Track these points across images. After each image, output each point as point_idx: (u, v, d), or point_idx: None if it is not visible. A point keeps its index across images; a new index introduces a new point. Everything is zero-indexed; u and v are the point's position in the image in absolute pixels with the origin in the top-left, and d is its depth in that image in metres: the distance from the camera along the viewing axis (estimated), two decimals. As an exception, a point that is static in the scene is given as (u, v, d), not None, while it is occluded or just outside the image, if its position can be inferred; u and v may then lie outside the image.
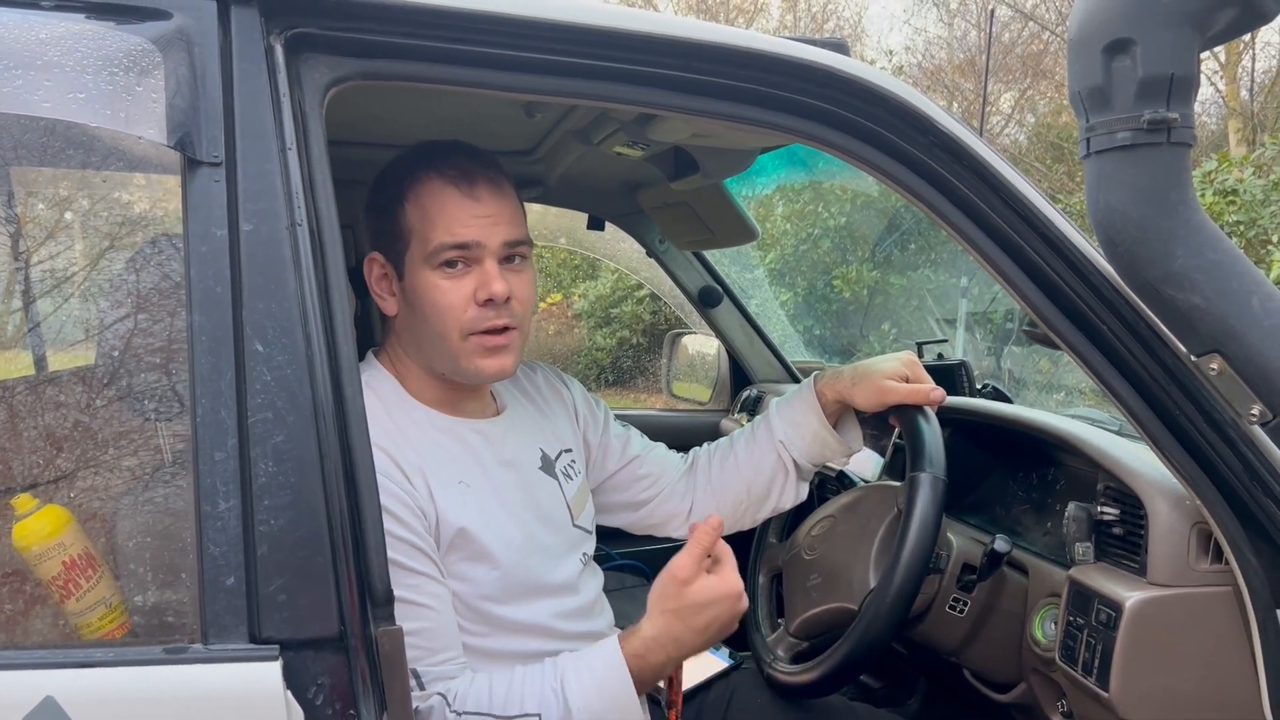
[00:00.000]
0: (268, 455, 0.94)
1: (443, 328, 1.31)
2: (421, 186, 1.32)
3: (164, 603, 1.00)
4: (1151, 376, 1.22)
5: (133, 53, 0.96)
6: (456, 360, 1.33)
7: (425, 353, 1.36)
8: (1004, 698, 1.68)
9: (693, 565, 1.18)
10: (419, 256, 1.31)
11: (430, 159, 1.33)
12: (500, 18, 1.08)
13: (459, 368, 1.34)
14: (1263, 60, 12.12)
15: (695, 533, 1.20)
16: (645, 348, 10.36)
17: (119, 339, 1.09)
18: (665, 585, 1.20)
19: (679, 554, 1.20)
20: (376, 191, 1.37)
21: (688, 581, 1.18)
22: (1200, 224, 1.11)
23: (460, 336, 1.31)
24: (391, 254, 1.34)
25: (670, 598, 1.19)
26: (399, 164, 1.36)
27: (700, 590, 1.18)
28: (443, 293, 1.30)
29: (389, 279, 1.36)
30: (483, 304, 1.30)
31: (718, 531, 1.21)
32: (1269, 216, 7.18)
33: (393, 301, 1.36)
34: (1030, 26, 13.72)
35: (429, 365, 1.37)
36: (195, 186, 0.97)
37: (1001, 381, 2.43)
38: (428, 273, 1.31)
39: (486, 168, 1.34)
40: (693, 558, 1.19)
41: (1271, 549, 1.22)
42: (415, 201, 1.32)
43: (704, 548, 1.19)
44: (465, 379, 1.37)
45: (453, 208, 1.30)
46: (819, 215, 9.05)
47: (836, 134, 1.23)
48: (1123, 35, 1.08)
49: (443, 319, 1.31)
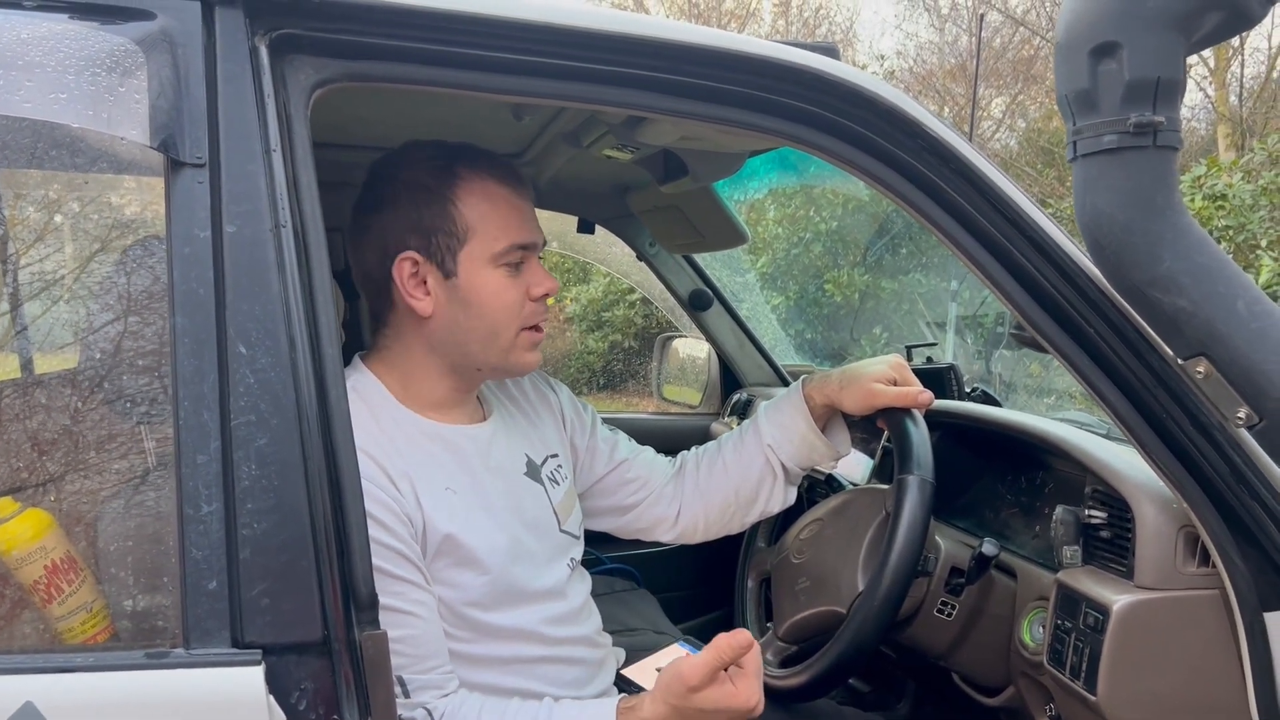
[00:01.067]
0: (251, 458, 0.93)
1: (500, 324, 1.35)
2: (473, 185, 1.32)
3: (146, 607, 0.99)
4: (1138, 380, 1.23)
5: (116, 53, 0.96)
6: (507, 355, 1.37)
7: (469, 350, 1.35)
8: (992, 701, 1.68)
9: (704, 675, 1.17)
10: (481, 255, 1.32)
11: (469, 158, 1.34)
12: (488, 19, 1.08)
13: (508, 362, 1.38)
14: (1252, 66, 12.20)
15: (718, 642, 1.18)
16: (637, 351, 10.36)
17: (101, 341, 1.08)
18: (672, 681, 1.19)
19: (696, 656, 1.19)
20: (406, 189, 1.33)
21: (696, 690, 1.17)
22: (1187, 227, 1.12)
23: (516, 332, 1.36)
24: (435, 252, 1.32)
25: (675, 694, 1.18)
26: (428, 160, 1.34)
27: (707, 699, 1.17)
28: (506, 290, 1.34)
29: (420, 278, 1.33)
30: (537, 300, 1.37)
31: (740, 651, 1.18)
32: (1258, 221, 7.22)
33: (428, 301, 1.33)
34: (1021, 32, 13.78)
35: (462, 362, 1.37)
36: (178, 188, 0.97)
37: (991, 385, 2.43)
38: (491, 270, 1.33)
39: (521, 173, 1.40)
40: (707, 668, 1.17)
41: (1258, 552, 1.22)
42: (469, 201, 1.32)
43: (721, 662, 1.17)
44: (510, 371, 1.42)
45: (510, 209, 1.35)
46: (810, 219, 9.06)
47: (825, 137, 1.23)
48: (1109, 39, 1.08)
49: (502, 315, 1.35)
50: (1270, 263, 6.52)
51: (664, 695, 1.19)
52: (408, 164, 1.35)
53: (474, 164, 1.34)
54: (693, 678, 1.16)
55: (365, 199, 1.37)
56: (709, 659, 1.17)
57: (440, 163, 1.34)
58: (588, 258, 5.07)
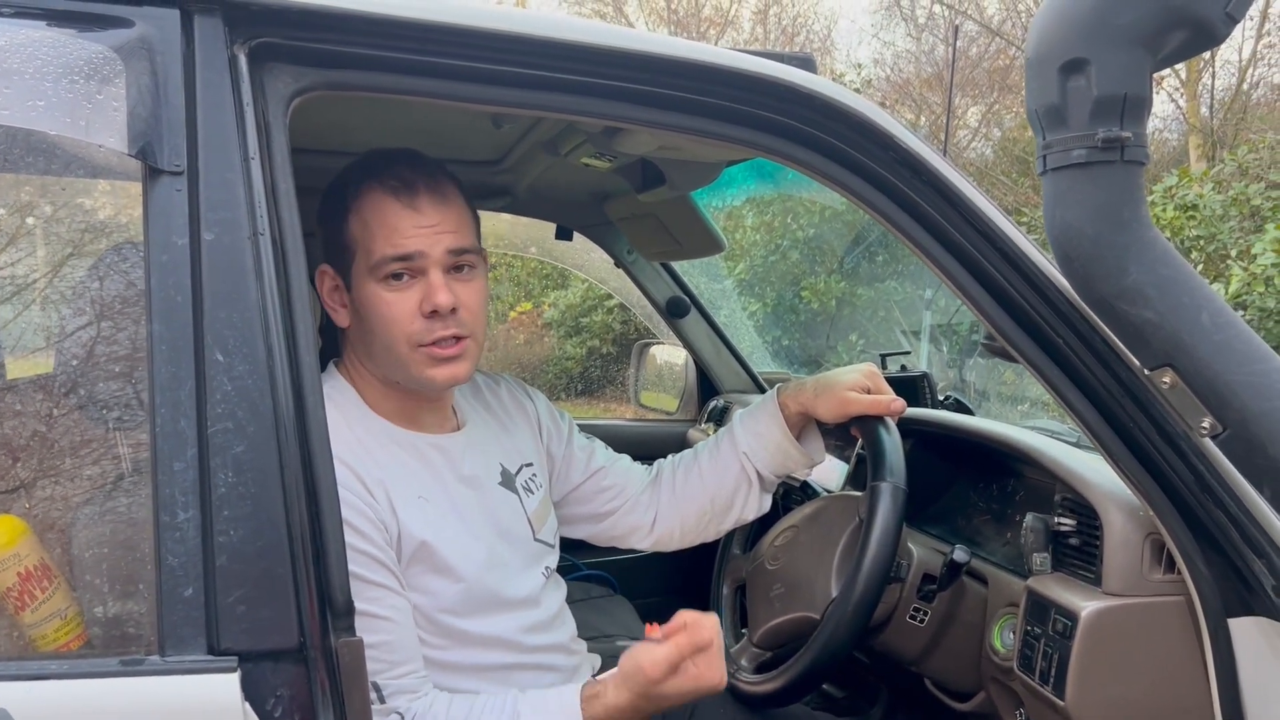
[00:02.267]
0: (228, 465, 0.94)
1: (390, 339, 1.30)
2: (364, 198, 1.31)
3: (121, 614, 0.99)
4: (1106, 389, 1.25)
5: (94, 61, 0.96)
6: (408, 370, 1.32)
7: (378, 363, 1.36)
8: (964, 706, 1.70)
9: (665, 668, 1.19)
10: (364, 269, 1.30)
11: (372, 170, 1.32)
12: (466, 30, 1.09)
13: (410, 377, 1.33)
14: (1222, 78, 12.35)
15: (678, 640, 1.20)
16: (615, 357, 10.37)
17: (78, 347, 1.08)
18: (634, 672, 1.20)
19: (656, 650, 1.20)
20: (324, 204, 1.36)
21: (658, 682, 1.19)
22: (1153, 240, 1.14)
23: (409, 348, 1.30)
24: (339, 266, 1.34)
25: (638, 684, 1.20)
26: (344, 176, 1.35)
27: (671, 688, 1.20)
28: (388, 305, 1.29)
29: (340, 291, 1.36)
30: (428, 315, 1.29)
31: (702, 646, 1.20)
32: (1228, 231, 7.32)
33: (344, 313, 1.36)
34: (997, 42, 13.90)
35: (384, 375, 1.37)
36: (156, 195, 0.97)
37: (964, 393, 2.46)
38: (373, 285, 1.30)
39: (429, 176, 1.32)
40: (668, 661, 1.19)
41: (1221, 559, 1.25)
42: (358, 214, 1.31)
43: (681, 657, 1.19)
44: (419, 388, 1.36)
45: (393, 218, 1.29)
46: (787, 227, 9.10)
47: (799, 149, 1.24)
48: (1078, 55, 1.10)
49: (389, 331, 1.30)
50: (1240, 272, 6.60)
51: (627, 682, 1.21)
52: (335, 179, 1.36)
53: (372, 175, 1.31)
54: (655, 672, 1.19)
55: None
56: (670, 655, 1.19)
57: (352, 175, 1.33)
58: (566, 264, 5.07)
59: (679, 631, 1.22)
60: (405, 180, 1.30)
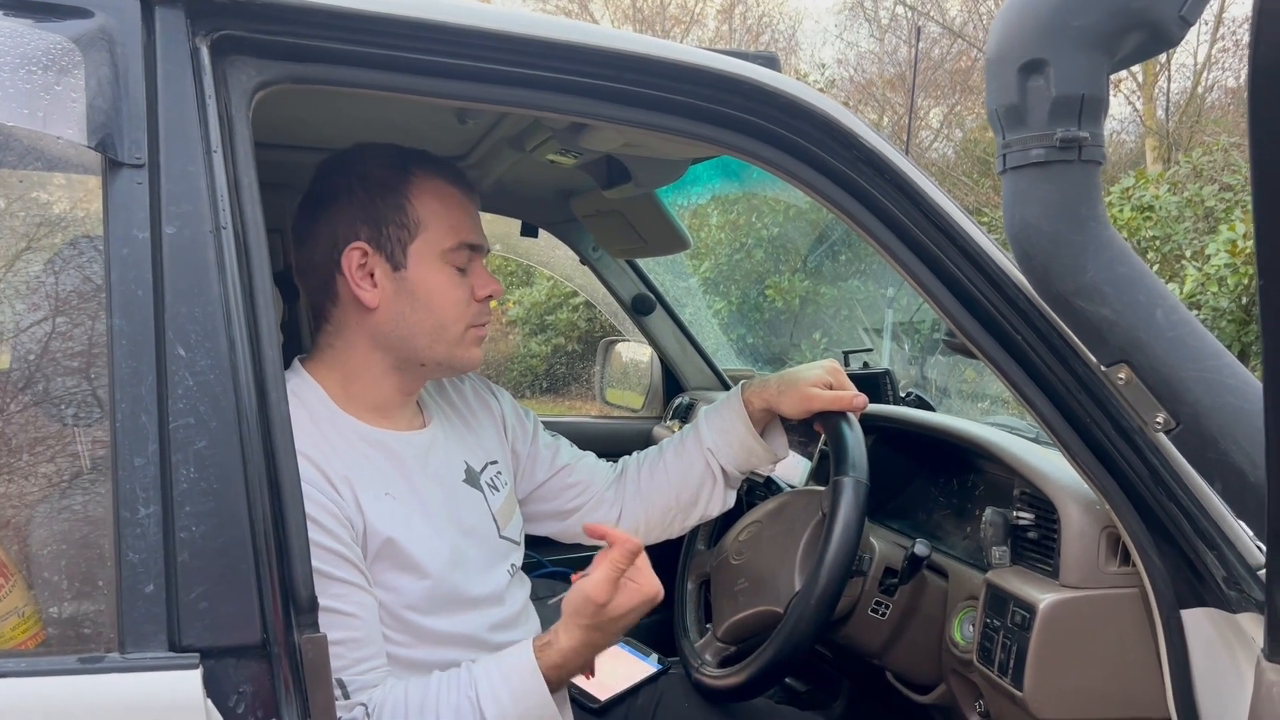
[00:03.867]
0: (189, 461, 0.93)
1: (449, 319, 1.37)
2: (427, 184, 1.36)
3: (80, 612, 0.98)
4: (1064, 385, 1.27)
5: (52, 51, 0.95)
6: (453, 349, 1.39)
7: (416, 344, 1.37)
8: (925, 699, 1.72)
9: (608, 587, 1.21)
10: (431, 251, 1.35)
11: (422, 160, 1.38)
12: (430, 24, 1.08)
13: (453, 357, 1.40)
14: (1178, 81, 12.57)
15: (610, 556, 1.22)
16: (580, 355, 10.36)
17: (35, 342, 1.06)
18: (581, 604, 1.22)
19: (593, 575, 1.22)
20: (360, 182, 1.34)
21: (604, 604, 1.21)
22: (1110, 239, 1.16)
23: (464, 328, 1.39)
24: (385, 243, 1.33)
25: (587, 615, 1.21)
26: (384, 157, 1.37)
27: (617, 606, 1.21)
28: (455, 287, 1.37)
29: (367, 269, 1.34)
30: (482, 300, 1.40)
31: (632, 556, 1.22)
32: (1183, 232, 7.45)
33: (374, 293, 1.34)
34: (959, 43, 14.05)
35: (408, 357, 1.38)
36: (116, 188, 0.96)
37: (926, 390, 2.48)
38: (440, 267, 1.36)
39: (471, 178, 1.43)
40: (608, 580, 1.20)
41: (1174, 551, 1.27)
42: (422, 198, 1.35)
43: (619, 572, 1.21)
44: (455, 367, 1.43)
45: (461, 210, 1.39)
46: (752, 225, 9.14)
47: (763, 146, 1.25)
48: (1037, 56, 1.12)
49: (450, 311, 1.37)
50: (1194, 273, 6.73)
51: (575, 619, 1.23)
52: (363, 159, 1.38)
53: (427, 164, 1.38)
54: (600, 594, 1.20)
55: (317, 192, 1.38)
56: (608, 573, 1.21)
57: (395, 160, 1.37)
58: (531, 261, 5.06)
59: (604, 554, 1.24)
60: (463, 176, 1.41)
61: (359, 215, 1.34)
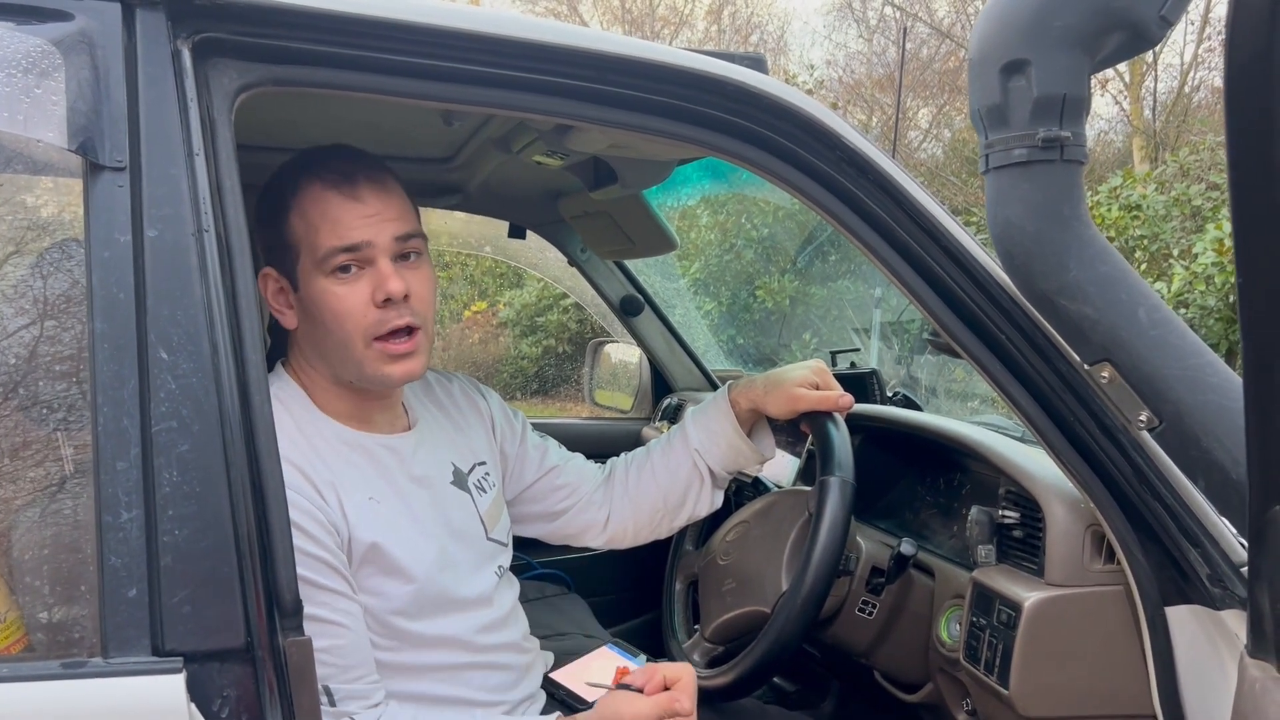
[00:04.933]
0: (172, 464, 0.93)
1: (345, 335, 1.29)
2: (303, 194, 1.29)
3: (63, 616, 0.98)
4: (1047, 384, 1.27)
5: (32, 54, 0.94)
6: (362, 368, 1.31)
7: (330, 363, 1.34)
8: (912, 698, 1.72)
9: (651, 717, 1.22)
10: (310, 265, 1.29)
11: (307, 166, 1.31)
12: (413, 26, 1.08)
13: (365, 375, 1.32)
14: (1164, 81, 12.63)
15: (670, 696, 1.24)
16: (570, 356, 10.36)
17: (18, 346, 1.06)
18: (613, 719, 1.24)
19: (641, 700, 1.24)
20: (262, 204, 1.34)
21: None
22: (1092, 238, 1.17)
23: (364, 343, 1.29)
24: (283, 266, 1.32)
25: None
26: (280, 175, 1.33)
27: None
28: (339, 299, 1.28)
29: (285, 292, 1.33)
30: (381, 305, 1.28)
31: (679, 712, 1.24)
32: (1170, 231, 7.48)
33: (291, 315, 1.34)
34: (947, 44, 14.08)
35: (335, 375, 1.35)
36: (98, 191, 0.95)
37: (914, 390, 2.49)
38: (321, 280, 1.28)
39: (367, 166, 1.32)
40: (653, 714, 1.22)
41: (1158, 549, 1.28)
42: (299, 210, 1.29)
43: (668, 712, 1.23)
44: (373, 385, 1.35)
45: (336, 210, 1.28)
46: (741, 226, 9.14)
47: (748, 148, 1.25)
48: (1019, 56, 1.12)
49: (343, 326, 1.28)
50: (1182, 271, 6.76)
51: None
52: (271, 179, 1.34)
53: (309, 171, 1.30)
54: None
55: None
56: (652, 712, 1.22)
57: (287, 176, 1.32)
58: (520, 263, 5.06)
59: (659, 689, 1.25)
60: (344, 172, 1.29)
61: (262, 241, 1.33)
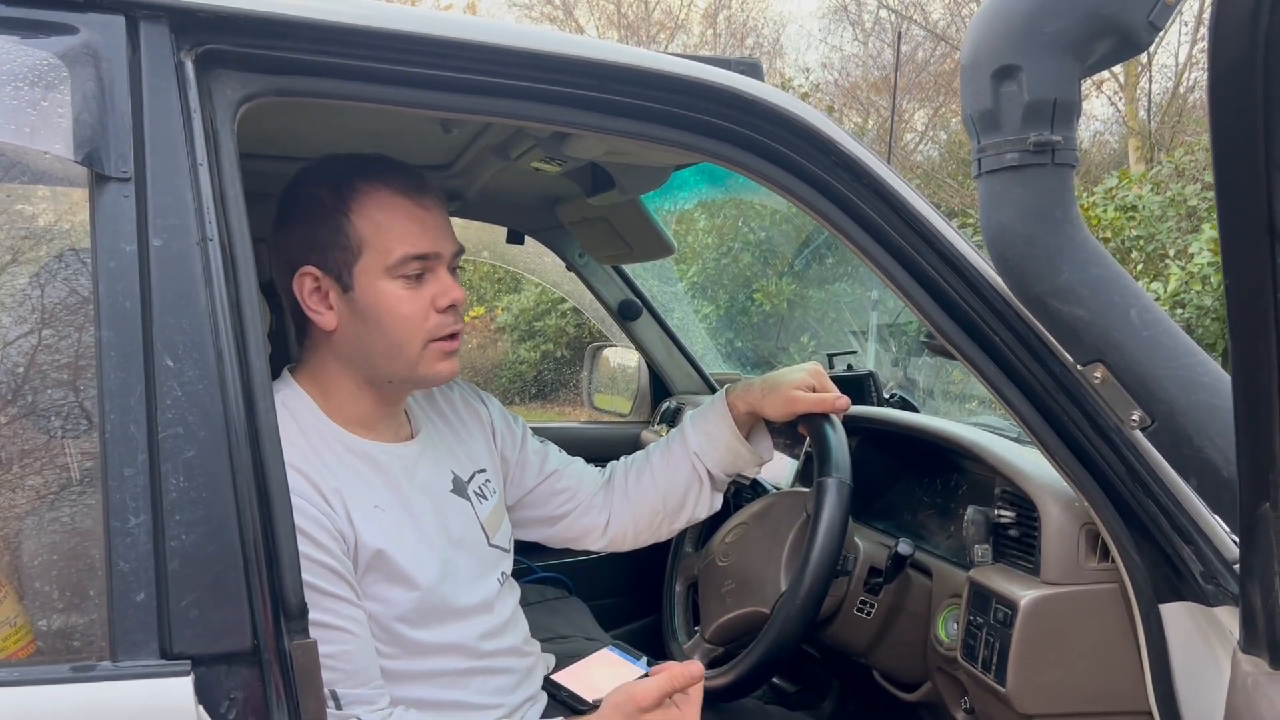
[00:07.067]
0: (179, 470, 0.94)
1: (404, 337, 1.33)
2: (368, 198, 1.31)
3: (72, 620, 0.99)
4: (1041, 385, 1.29)
5: (38, 67, 0.96)
6: (415, 368, 1.35)
7: (373, 363, 1.35)
8: (911, 697, 1.74)
9: (655, 698, 1.24)
10: (376, 268, 1.31)
11: (369, 172, 1.34)
12: (413, 36, 1.10)
13: (416, 375, 1.36)
14: (1159, 82, 12.66)
15: (673, 670, 1.25)
16: (568, 360, 10.37)
17: (24, 355, 1.07)
18: (624, 701, 1.24)
19: (649, 680, 1.25)
20: (300, 206, 1.34)
21: (647, 710, 1.23)
22: (1084, 240, 1.18)
23: (423, 344, 1.34)
24: (332, 266, 1.32)
25: (625, 713, 1.24)
26: (328, 175, 1.34)
27: (656, 718, 1.24)
28: (404, 302, 1.32)
29: (324, 293, 1.33)
30: (443, 310, 1.34)
31: (691, 680, 1.26)
32: (1166, 232, 7.49)
33: (330, 315, 1.34)
34: (942, 46, 14.11)
35: (371, 376, 1.36)
36: (103, 202, 0.97)
37: (911, 392, 2.50)
38: (387, 283, 1.31)
39: (427, 180, 1.38)
40: (659, 691, 1.24)
41: (1152, 547, 1.29)
42: (364, 213, 1.31)
43: (673, 687, 1.24)
44: (419, 384, 1.41)
45: (407, 220, 1.32)
46: (739, 230, 9.16)
47: (744, 153, 1.27)
48: (1010, 62, 1.14)
49: (403, 328, 1.33)
50: (1178, 272, 6.77)
51: (613, 713, 1.24)
52: (308, 180, 1.36)
53: (371, 176, 1.33)
54: (645, 699, 1.22)
55: (278, 212, 1.38)
56: (662, 684, 1.23)
57: (338, 177, 1.34)
58: (518, 268, 5.07)
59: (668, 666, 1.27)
60: (414, 182, 1.35)
61: (305, 240, 1.33)
